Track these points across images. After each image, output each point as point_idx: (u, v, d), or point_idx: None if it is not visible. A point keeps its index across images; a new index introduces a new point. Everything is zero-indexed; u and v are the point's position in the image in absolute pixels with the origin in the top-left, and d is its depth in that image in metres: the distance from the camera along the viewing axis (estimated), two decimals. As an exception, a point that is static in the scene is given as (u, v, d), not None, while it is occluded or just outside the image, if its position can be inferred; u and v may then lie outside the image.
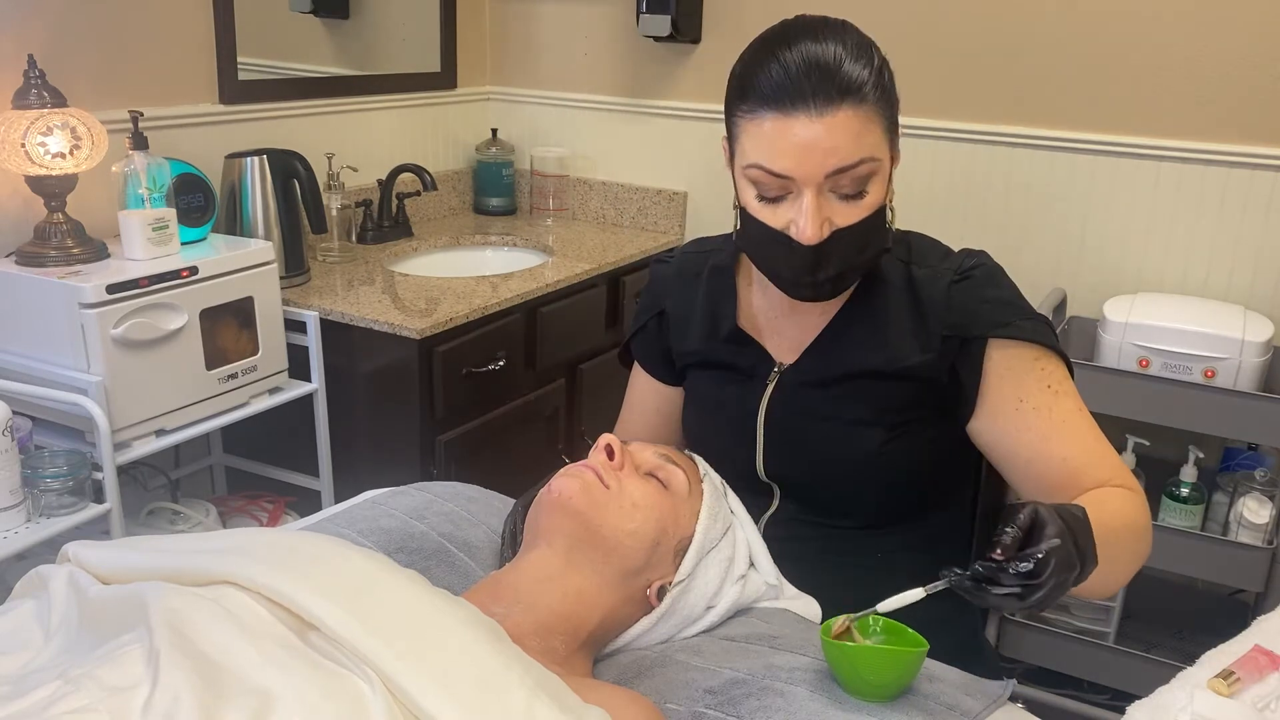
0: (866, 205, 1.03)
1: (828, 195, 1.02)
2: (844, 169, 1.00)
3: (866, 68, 1.00)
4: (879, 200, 1.04)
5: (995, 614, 2.25)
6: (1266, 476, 2.04)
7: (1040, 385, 1.10)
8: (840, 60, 0.99)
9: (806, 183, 1.00)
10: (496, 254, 2.64)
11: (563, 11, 2.81)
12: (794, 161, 0.99)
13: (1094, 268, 2.33)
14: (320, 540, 0.96)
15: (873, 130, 1.00)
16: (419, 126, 2.75)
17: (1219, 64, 2.13)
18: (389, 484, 1.42)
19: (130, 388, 1.71)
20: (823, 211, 1.01)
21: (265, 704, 0.75)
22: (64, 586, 0.93)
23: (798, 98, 0.98)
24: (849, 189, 1.02)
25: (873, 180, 1.02)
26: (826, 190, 1.01)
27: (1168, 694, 1.08)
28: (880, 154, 1.02)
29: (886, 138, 1.04)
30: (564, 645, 0.99)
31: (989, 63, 2.33)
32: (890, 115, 1.04)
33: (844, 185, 1.01)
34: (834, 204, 1.02)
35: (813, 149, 0.98)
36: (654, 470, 1.11)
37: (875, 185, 1.03)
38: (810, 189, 1.00)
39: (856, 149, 0.99)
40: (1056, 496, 1.09)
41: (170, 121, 2.09)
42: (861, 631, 0.98)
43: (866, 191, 1.02)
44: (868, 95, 0.99)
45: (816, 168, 0.99)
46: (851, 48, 1.01)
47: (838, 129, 0.98)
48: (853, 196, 1.02)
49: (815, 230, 1.01)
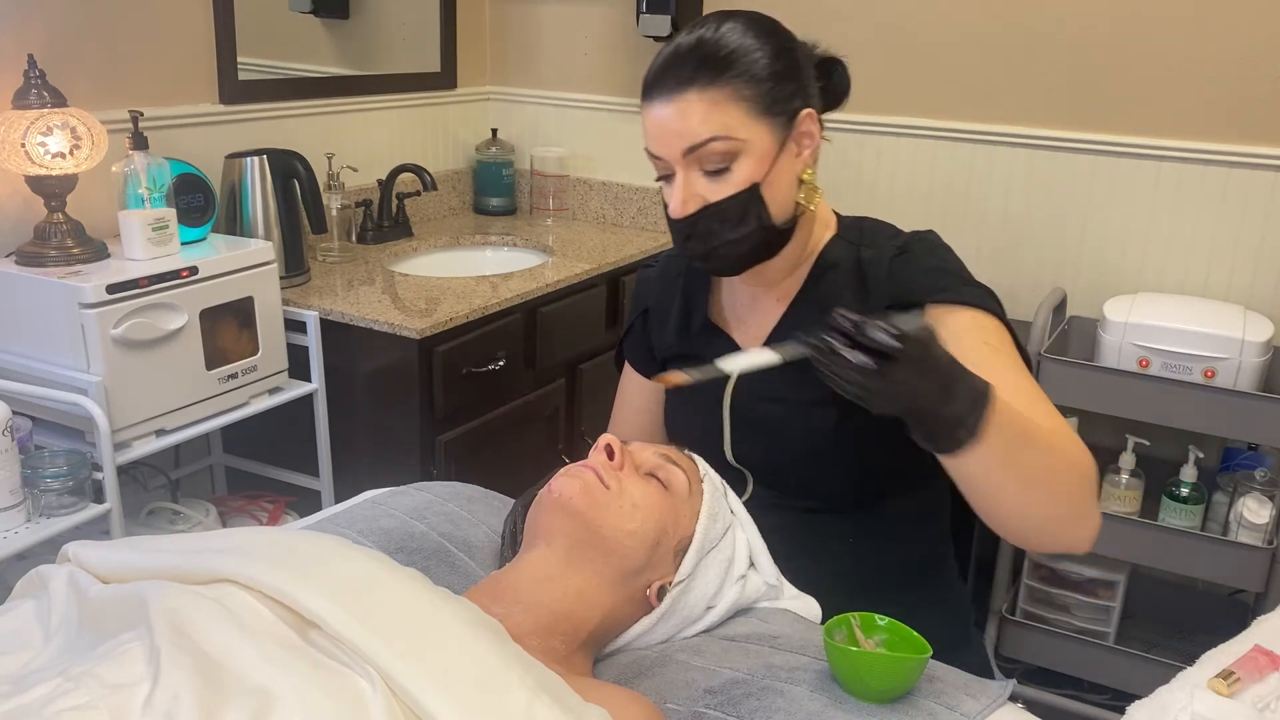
0: (734, 182, 1.08)
1: (695, 173, 1.09)
2: (694, 147, 1.07)
3: (730, 50, 1.06)
4: (750, 178, 1.08)
5: (994, 616, 2.25)
6: (1266, 476, 2.04)
7: (977, 343, 1.09)
8: (698, 47, 1.06)
9: (672, 161, 1.09)
10: (496, 254, 2.64)
11: (563, 11, 2.81)
12: (655, 142, 1.09)
13: (1094, 268, 2.33)
14: (321, 539, 0.97)
15: (727, 111, 1.06)
16: (419, 126, 2.75)
17: (1219, 64, 2.13)
18: (389, 484, 1.42)
19: (130, 388, 1.71)
20: (690, 188, 1.09)
21: (266, 703, 0.75)
22: (64, 586, 0.93)
23: (657, 86, 1.08)
24: (711, 166, 1.08)
25: (739, 159, 1.08)
26: (694, 169, 1.09)
27: (1168, 694, 1.08)
28: (740, 134, 1.07)
29: (756, 118, 1.07)
30: (564, 645, 0.99)
31: (989, 63, 2.33)
32: (766, 95, 1.07)
33: (707, 162, 1.08)
34: (702, 181, 1.09)
35: (666, 129, 1.07)
36: (654, 470, 1.11)
37: (742, 164, 1.08)
38: (678, 167, 1.09)
39: (704, 128, 1.06)
40: None
41: (170, 121, 2.09)
42: (864, 630, 0.99)
43: (731, 169, 1.08)
44: (720, 78, 1.05)
45: (672, 147, 1.08)
46: (722, 33, 1.07)
47: (685, 111, 1.06)
48: (717, 173, 1.08)
49: (678, 205, 1.09)
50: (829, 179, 1.19)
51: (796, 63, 1.11)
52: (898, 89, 2.43)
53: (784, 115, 1.09)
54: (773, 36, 1.10)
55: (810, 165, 1.14)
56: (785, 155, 1.10)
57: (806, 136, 1.12)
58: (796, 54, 1.11)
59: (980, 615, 2.28)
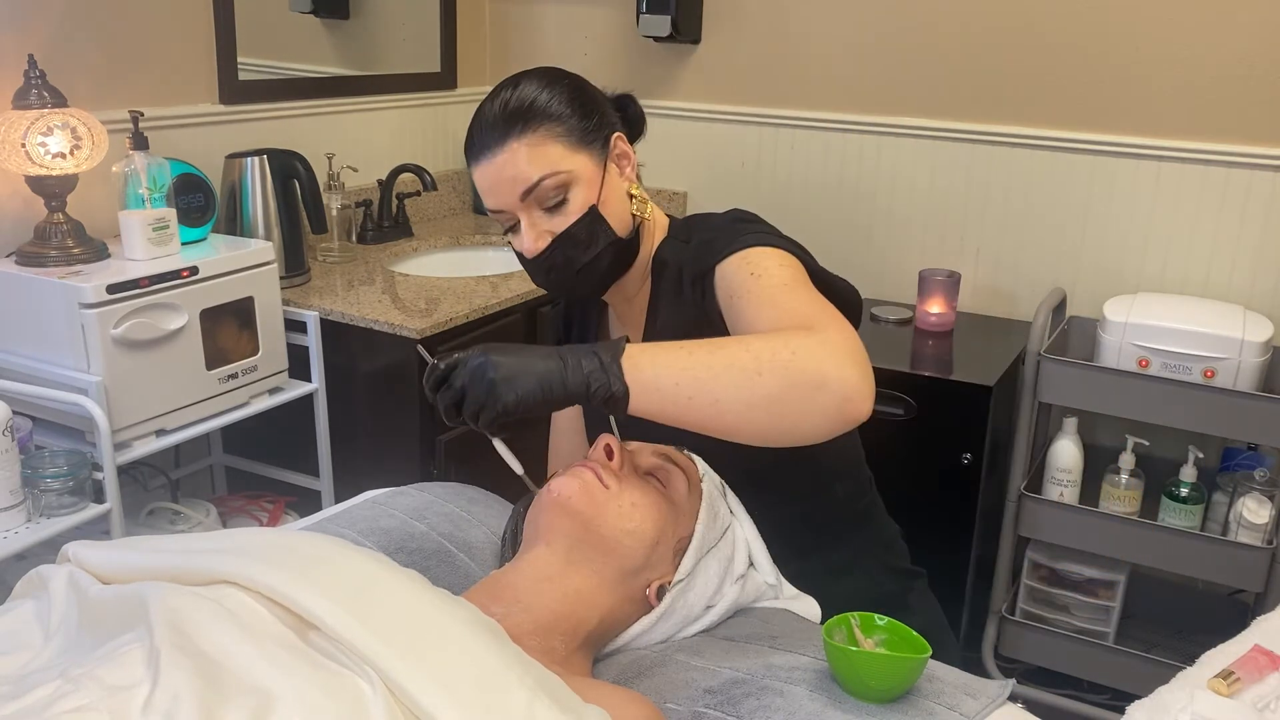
0: (573, 210, 1.16)
1: (537, 213, 1.17)
2: (530, 189, 1.14)
3: (528, 102, 1.15)
4: (586, 202, 1.17)
5: (993, 616, 2.25)
6: (1266, 476, 2.04)
7: (744, 275, 1.13)
8: (503, 106, 1.15)
9: (513, 209, 1.17)
10: (496, 254, 2.64)
11: (563, 11, 2.81)
12: (493, 196, 1.17)
13: (1094, 268, 2.33)
14: (320, 540, 0.97)
15: (546, 149, 1.14)
16: (419, 126, 2.75)
17: (1219, 64, 2.13)
18: (389, 484, 1.42)
19: (130, 388, 1.71)
20: (537, 227, 1.17)
21: (265, 703, 0.75)
22: (64, 586, 0.93)
23: (480, 147, 1.16)
24: (550, 201, 1.16)
25: (572, 188, 1.16)
26: (535, 209, 1.17)
27: (1168, 694, 1.08)
28: (565, 166, 1.15)
29: (575, 150, 1.16)
30: (563, 645, 1.00)
31: (989, 63, 2.33)
32: (575, 129, 1.16)
33: (544, 199, 1.16)
34: (545, 218, 1.17)
35: (500, 180, 1.15)
36: (653, 470, 1.12)
37: (575, 193, 1.16)
38: (520, 213, 1.17)
39: (532, 170, 1.14)
40: None
41: (170, 121, 2.10)
42: (864, 631, 0.99)
43: (568, 199, 1.16)
44: (530, 124, 1.14)
45: (509, 195, 1.16)
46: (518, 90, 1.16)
47: (511, 160, 1.14)
48: (556, 206, 1.16)
49: (532, 243, 1.17)
50: (829, 179, 1.20)
51: (593, 99, 1.20)
52: (898, 89, 2.43)
53: (597, 142, 1.18)
54: (564, 82, 1.19)
55: (634, 181, 1.23)
56: (610, 176, 1.19)
57: (623, 157, 1.22)
58: (590, 91, 1.21)
59: (980, 615, 2.28)
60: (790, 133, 2.57)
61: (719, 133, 2.66)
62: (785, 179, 2.59)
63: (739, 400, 0.96)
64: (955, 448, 2.08)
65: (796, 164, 2.57)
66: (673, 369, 0.97)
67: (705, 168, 2.70)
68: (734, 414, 0.97)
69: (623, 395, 0.96)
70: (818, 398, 0.95)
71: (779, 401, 0.96)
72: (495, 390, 0.96)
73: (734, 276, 1.14)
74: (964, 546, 2.15)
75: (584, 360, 0.97)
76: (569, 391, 0.96)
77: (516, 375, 0.96)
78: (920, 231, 2.49)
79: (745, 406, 0.96)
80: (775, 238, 1.18)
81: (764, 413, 0.97)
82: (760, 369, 0.96)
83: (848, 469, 1.36)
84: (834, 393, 0.95)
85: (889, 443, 1.55)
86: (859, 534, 1.36)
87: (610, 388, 0.96)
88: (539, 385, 0.96)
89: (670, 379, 0.96)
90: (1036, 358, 2.08)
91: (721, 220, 1.26)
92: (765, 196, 2.59)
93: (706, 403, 0.96)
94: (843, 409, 0.96)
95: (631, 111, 1.27)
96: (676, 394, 0.96)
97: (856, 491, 1.37)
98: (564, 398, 0.97)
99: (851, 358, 0.97)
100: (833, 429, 0.97)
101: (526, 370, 0.96)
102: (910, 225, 2.50)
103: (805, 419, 0.97)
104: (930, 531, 1.57)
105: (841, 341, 0.98)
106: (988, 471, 2.12)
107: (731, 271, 1.14)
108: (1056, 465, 2.15)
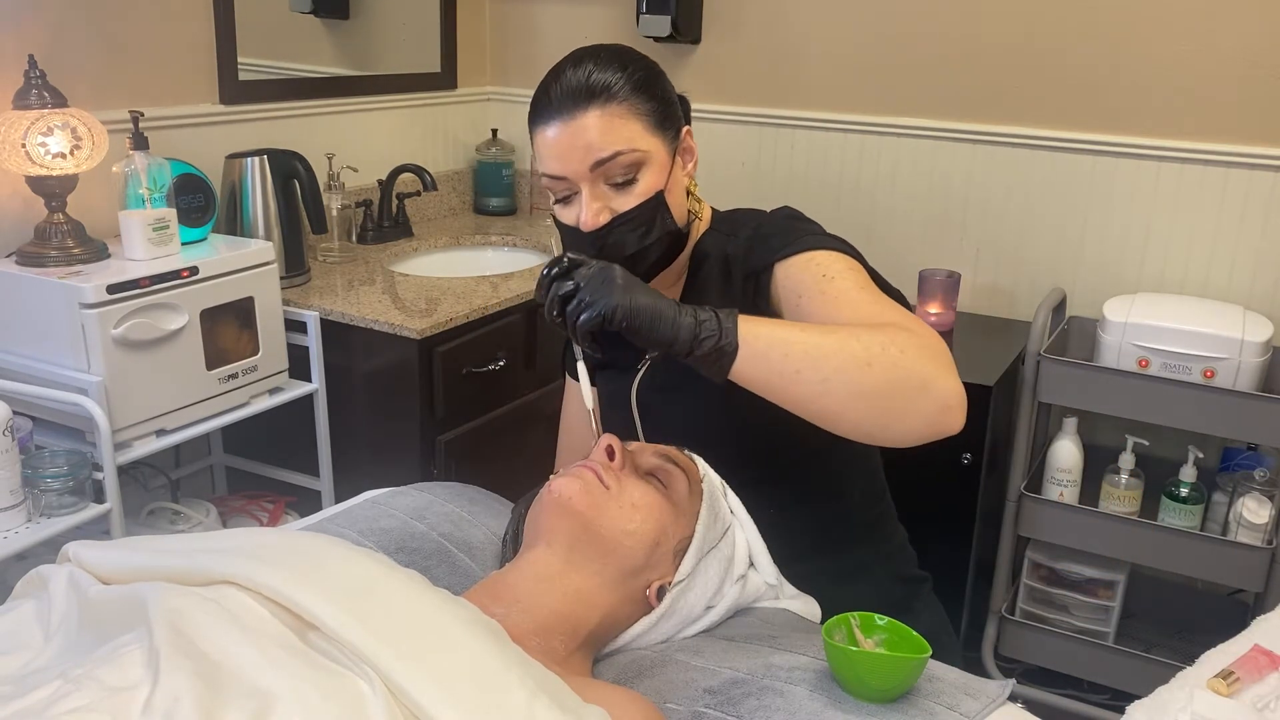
0: (639, 192, 1.15)
1: (602, 187, 1.14)
2: (602, 161, 1.12)
3: (616, 75, 1.13)
4: (654, 186, 1.15)
5: (993, 616, 2.25)
6: (1266, 476, 2.04)
7: (815, 277, 1.13)
8: (587, 74, 1.13)
9: (578, 179, 1.14)
10: (496, 254, 2.64)
11: (563, 11, 2.81)
12: (559, 162, 1.14)
13: (1094, 268, 2.33)
14: (321, 540, 0.97)
15: (627, 125, 1.13)
16: (419, 126, 2.75)
17: (1219, 64, 2.13)
18: (389, 484, 1.42)
19: (130, 388, 1.71)
20: (599, 201, 1.14)
21: (265, 704, 0.75)
22: (64, 586, 0.93)
23: (555, 111, 1.13)
24: (619, 178, 1.14)
25: (643, 169, 1.14)
26: (600, 183, 1.14)
27: (1167, 694, 1.08)
28: (642, 145, 1.14)
29: (652, 132, 1.15)
30: (564, 645, 1.00)
31: (989, 63, 2.33)
32: (656, 112, 1.15)
33: (613, 175, 1.14)
34: (610, 194, 1.15)
35: (572, 147, 1.12)
36: (654, 470, 1.12)
37: (647, 174, 1.15)
38: (584, 184, 1.14)
39: (610, 142, 1.12)
40: None
41: (170, 121, 2.10)
42: (864, 630, 0.99)
43: (637, 180, 1.14)
44: (615, 96, 1.12)
45: (580, 163, 1.13)
46: (602, 61, 1.14)
47: (588, 128, 1.11)
48: (624, 184, 1.14)
49: (591, 217, 1.14)
50: (829, 179, 1.21)
51: (670, 88, 1.20)
52: (898, 89, 2.43)
53: (672, 130, 1.18)
54: (648, 64, 1.18)
55: (693, 179, 1.23)
56: (676, 167, 1.19)
57: (689, 152, 1.22)
58: (668, 80, 1.20)
59: (980, 615, 2.28)
60: (790, 133, 2.57)
61: (719, 133, 2.66)
62: (785, 179, 2.59)
63: (846, 387, 0.97)
64: (955, 448, 2.08)
65: (796, 164, 2.57)
66: (787, 341, 0.98)
67: (705, 168, 2.67)
68: (837, 399, 0.98)
69: (731, 352, 0.97)
70: (919, 401, 0.97)
71: (884, 397, 0.97)
72: (611, 291, 0.98)
73: (802, 276, 1.13)
74: (964, 546, 2.15)
75: (700, 311, 0.99)
76: (678, 330, 0.98)
77: (636, 290, 0.99)
78: (920, 231, 2.49)
79: (850, 394, 0.97)
80: (835, 239, 1.18)
81: (867, 404, 0.98)
82: (871, 360, 0.97)
83: (867, 475, 1.36)
84: (935, 399, 0.97)
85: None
86: (870, 540, 1.36)
87: (720, 340, 0.97)
88: (651, 308, 0.99)
89: (782, 350, 0.97)
90: (1036, 358, 2.08)
91: (773, 217, 1.25)
92: (765, 196, 2.57)
93: (815, 380, 0.97)
94: (941, 416, 0.97)
95: (685, 110, 1.26)
96: (784, 366, 0.97)
97: (872, 499, 1.37)
98: (670, 333, 0.98)
99: (951, 367, 0.99)
100: (926, 434, 0.99)
101: (646, 292, 1.00)
102: (910, 225, 2.50)
103: (903, 419, 0.98)
104: (930, 532, 1.57)
105: (941, 348, 1.00)
106: (988, 471, 2.12)
107: (798, 271, 1.14)
108: (1056, 465, 2.15)
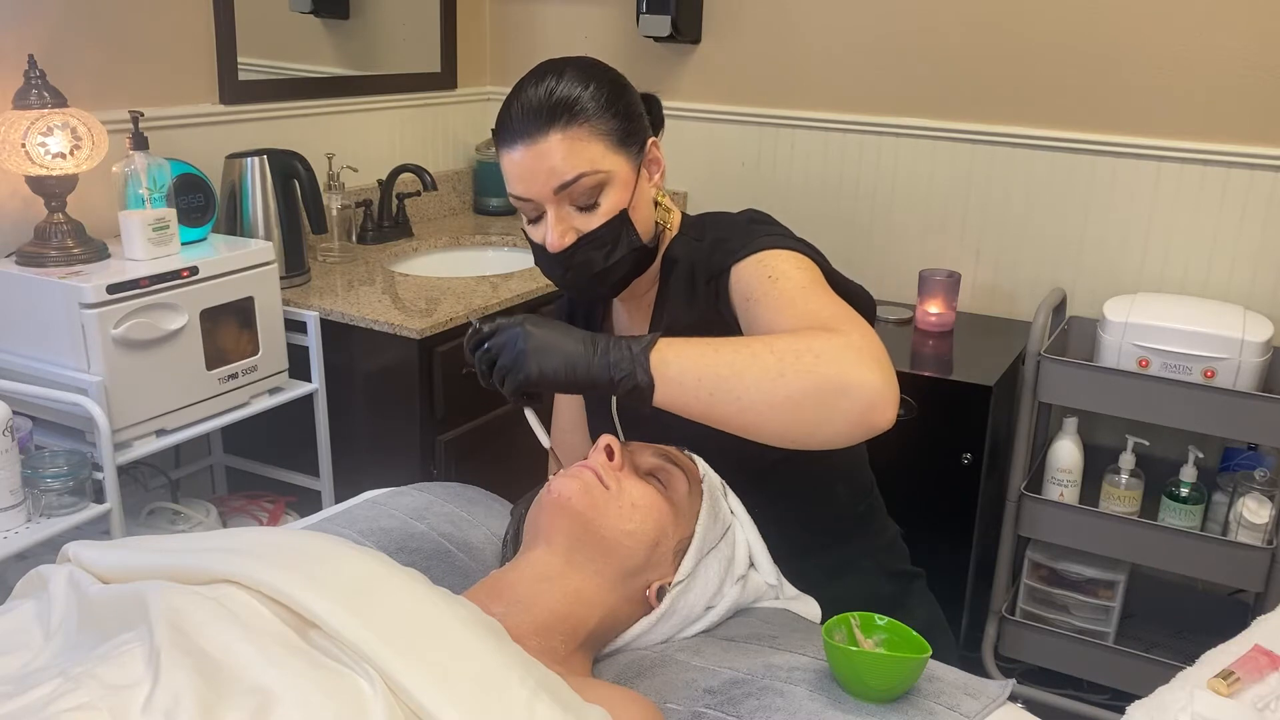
0: (604, 212, 1.15)
1: (567, 209, 1.15)
2: (565, 184, 1.12)
3: (578, 92, 1.13)
4: (618, 205, 1.15)
5: (993, 616, 2.25)
6: (1266, 476, 2.04)
7: (761, 278, 1.12)
8: (549, 92, 1.12)
9: (543, 200, 1.14)
10: (496, 254, 2.64)
11: (563, 11, 2.81)
12: (523, 184, 1.15)
13: (1094, 268, 2.33)
14: (321, 539, 0.97)
15: (589, 147, 1.12)
16: (419, 126, 2.75)
17: (1219, 64, 2.13)
18: (389, 484, 1.42)
19: (130, 388, 1.71)
20: (564, 223, 1.15)
21: (266, 703, 0.75)
22: (64, 586, 0.93)
23: (517, 134, 1.13)
24: (583, 200, 1.14)
25: (607, 189, 1.15)
26: (565, 204, 1.15)
27: (1168, 694, 1.08)
28: (605, 166, 1.13)
29: (615, 151, 1.15)
30: (564, 645, 1.00)
31: (989, 63, 2.34)
32: (618, 130, 1.15)
33: (577, 197, 1.14)
34: (574, 215, 1.16)
35: (535, 172, 1.13)
36: (654, 471, 1.12)
37: (610, 193, 1.15)
38: (549, 205, 1.15)
39: (572, 165, 1.12)
40: None
41: (170, 121, 2.10)
42: (864, 631, 0.99)
43: (599, 202, 1.15)
44: (576, 117, 1.12)
45: (543, 187, 1.13)
46: (565, 78, 1.13)
47: (550, 152, 1.12)
48: (588, 207, 1.15)
49: (557, 239, 1.15)
50: (829, 179, 1.21)
51: (634, 101, 1.19)
52: (898, 89, 2.43)
53: (635, 145, 1.17)
54: (610, 78, 1.17)
55: (661, 188, 1.23)
56: (641, 181, 1.18)
57: (655, 163, 1.21)
58: (632, 92, 1.19)
59: (980, 615, 2.28)
60: (790, 133, 2.57)
61: (719, 132, 2.66)
62: (785, 179, 2.59)
63: (761, 400, 0.96)
64: (955, 448, 2.09)
65: (796, 164, 2.57)
66: (698, 365, 0.98)
67: (705, 167, 2.70)
68: (756, 413, 0.97)
69: (648, 387, 0.97)
70: (841, 403, 0.95)
71: (801, 404, 0.96)
72: (522, 359, 0.99)
73: (750, 279, 1.13)
74: (964, 546, 2.15)
75: (613, 348, 0.99)
76: (593, 375, 0.98)
77: (546, 349, 1.00)
78: (920, 231, 2.49)
79: (767, 407, 0.97)
80: (791, 240, 1.18)
81: (786, 414, 0.97)
82: (784, 370, 0.96)
83: (850, 471, 1.36)
84: (858, 400, 0.95)
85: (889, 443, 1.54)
86: (859, 535, 1.36)
87: (636, 379, 0.97)
88: (564, 363, 0.99)
89: (694, 375, 0.97)
90: (1036, 358, 2.08)
91: (736, 220, 1.25)
92: (765, 196, 2.58)
93: (730, 400, 0.97)
94: (866, 416, 0.96)
95: (655, 111, 1.25)
96: (699, 390, 0.97)
97: (858, 494, 1.37)
98: (587, 380, 0.99)
99: (875, 362, 0.97)
100: (855, 435, 0.97)
101: (556, 347, 1.00)
102: (910, 225, 2.50)
103: (827, 424, 0.97)
104: (930, 531, 1.57)
105: (864, 345, 0.98)
106: (988, 471, 2.12)
107: (748, 274, 1.14)
108: (1056, 465, 2.15)
